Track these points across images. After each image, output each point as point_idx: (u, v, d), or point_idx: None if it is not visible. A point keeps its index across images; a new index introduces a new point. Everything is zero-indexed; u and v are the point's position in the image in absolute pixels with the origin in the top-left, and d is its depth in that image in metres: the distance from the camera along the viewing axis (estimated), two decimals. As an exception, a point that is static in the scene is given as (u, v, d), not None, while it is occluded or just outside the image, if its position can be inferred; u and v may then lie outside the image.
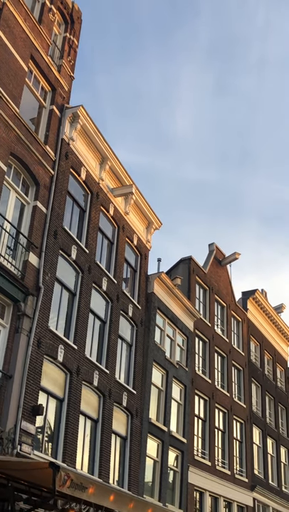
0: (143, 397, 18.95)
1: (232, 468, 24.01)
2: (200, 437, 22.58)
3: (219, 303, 26.67)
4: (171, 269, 25.05)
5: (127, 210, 20.00)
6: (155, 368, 20.22)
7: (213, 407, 23.63)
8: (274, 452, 29.08)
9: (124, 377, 18.42)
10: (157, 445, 19.54)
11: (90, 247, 17.41)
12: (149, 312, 20.46)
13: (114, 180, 19.46)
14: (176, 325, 22.16)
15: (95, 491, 10.03)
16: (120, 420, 17.67)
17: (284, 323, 32.51)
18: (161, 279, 21.24)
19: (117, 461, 17.25)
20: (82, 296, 16.55)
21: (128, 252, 20.23)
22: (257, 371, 28.90)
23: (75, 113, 17.14)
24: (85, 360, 16.06)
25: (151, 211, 21.32)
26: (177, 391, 21.54)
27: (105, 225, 18.90)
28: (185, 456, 20.75)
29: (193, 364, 22.86)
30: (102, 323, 17.74)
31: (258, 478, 26.29)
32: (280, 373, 32.48)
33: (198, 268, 25.16)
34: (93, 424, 16.31)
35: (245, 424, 26.12)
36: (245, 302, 29.31)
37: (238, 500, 23.90)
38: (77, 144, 17.55)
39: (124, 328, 18.99)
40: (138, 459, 17.97)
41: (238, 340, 27.86)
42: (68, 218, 16.83)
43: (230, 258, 27.81)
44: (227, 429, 24.51)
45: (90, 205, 17.89)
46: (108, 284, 18.07)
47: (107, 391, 16.92)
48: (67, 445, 14.56)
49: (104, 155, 18.53)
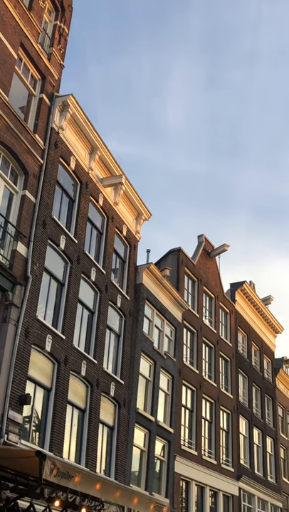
0: (131, 387, 19.03)
1: (218, 458, 24.23)
2: (187, 427, 22.74)
3: (207, 294, 26.77)
4: (160, 260, 25.07)
5: (116, 200, 19.95)
6: (143, 358, 20.29)
7: (200, 398, 23.79)
8: (260, 442, 29.38)
9: (112, 368, 18.47)
10: (144, 435, 19.66)
11: (79, 237, 17.37)
12: (137, 303, 20.50)
13: (103, 170, 19.39)
14: (165, 316, 22.23)
15: (81, 479, 10.09)
16: (108, 410, 17.74)
17: (271, 315, 32.74)
18: (150, 270, 21.27)
19: (104, 450, 17.34)
20: (71, 287, 16.53)
21: (117, 243, 20.21)
22: (244, 362, 29.11)
23: (65, 102, 17.01)
24: (73, 350, 16.08)
25: (140, 202, 21.29)
26: (165, 381, 21.65)
27: (94, 215, 18.85)
28: (172, 446, 20.90)
29: (181, 355, 22.97)
30: (90, 314, 17.74)
31: (244, 468, 26.57)
32: (267, 364, 32.75)
33: (187, 259, 25.21)
34: (81, 414, 16.36)
35: (231, 414, 26.35)
36: (234, 294, 29.46)
37: (224, 490, 24.15)
38: (67, 133, 17.45)
39: (113, 318, 19.02)
40: (125, 448, 18.07)
41: (225, 331, 28.02)
42: (57, 208, 16.76)
43: (219, 250, 27.89)
44: (214, 419, 24.71)
45: (79, 195, 17.83)
46: (97, 275, 18.06)
47: (95, 381, 16.96)
48: (54, 434, 14.60)
49: (94, 144, 18.44)
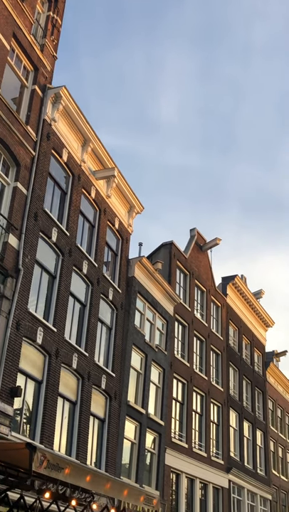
0: (122, 380, 19.07)
1: (208, 450, 24.38)
2: (177, 420, 22.85)
3: (199, 288, 26.83)
4: (153, 253, 25.08)
5: (108, 193, 19.91)
6: (134, 351, 20.33)
7: (191, 391, 23.89)
8: (250, 435, 29.58)
9: (103, 360, 18.49)
10: (135, 427, 19.73)
11: (71, 230, 17.32)
12: (129, 296, 20.51)
13: (96, 163, 19.32)
14: (156, 309, 22.27)
15: (71, 471, 10.11)
16: (99, 402, 17.78)
17: (262, 309, 32.89)
18: (142, 263, 21.27)
19: (95, 442, 17.39)
20: (63, 279, 16.50)
21: (109, 236, 20.18)
22: (235, 355, 29.26)
23: (58, 93, 16.91)
24: (65, 343, 16.07)
25: (133, 195, 21.25)
26: (156, 374, 21.72)
27: (86, 207, 18.79)
28: (162, 439, 21.00)
29: (172, 348, 23.04)
30: (82, 307, 17.73)
31: (234, 461, 26.75)
32: (258, 358, 32.93)
33: (179, 253, 25.24)
34: (71, 406, 16.39)
35: (222, 407, 26.49)
36: (225, 287, 29.55)
37: (214, 482, 24.32)
38: (59, 125, 17.35)
39: (104, 311, 19.03)
40: (116, 440, 18.14)
41: (217, 324, 28.12)
42: (49, 200, 16.70)
43: (211, 243, 27.95)
44: (204, 412, 24.84)
45: (71, 188, 17.76)
46: (89, 268, 18.04)
47: (86, 374, 16.98)
48: (45, 427, 14.61)
49: (87, 137, 18.36)
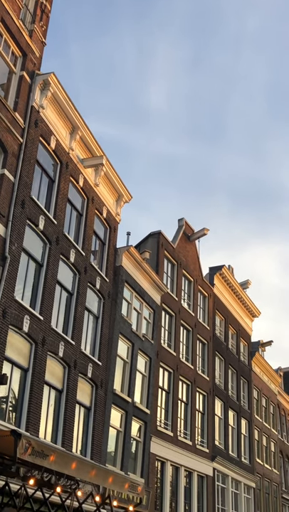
0: (108, 369, 19.13)
1: (194, 438, 24.59)
2: (163, 408, 22.99)
3: (186, 278, 26.91)
4: (140, 243, 25.08)
5: (96, 181, 19.82)
6: (121, 340, 20.38)
7: (177, 379, 24.03)
8: (235, 424, 29.87)
9: (90, 349, 18.52)
10: (121, 415, 19.83)
11: (59, 218, 17.25)
12: (116, 285, 20.51)
13: (84, 151, 19.22)
14: (144, 298, 22.30)
15: (56, 458, 10.16)
16: (85, 391, 17.83)
17: (249, 299, 33.08)
18: (129, 252, 21.26)
19: (81, 430, 17.46)
20: (50, 268, 16.45)
21: (97, 225, 20.13)
22: (221, 345, 29.45)
23: (46, 80, 16.76)
24: (51, 331, 16.07)
25: (121, 184, 21.18)
26: (142, 363, 21.81)
27: (74, 196, 18.71)
28: (148, 427, 21.13)
29: (158, 337, 23.13)
30: (69, 295, 17.72)
31: (219, 449, 27.02)
32: (244, 347, 33.17)
33: (167, 243, 25.26)
34: (57, 394, 16.42)
35: (207, 396, 26.70)
36: (212, 277, 29.66)
37: (199, 470, 24.56)
38: (48, 112, 17.21)
39: (91, 300, 19.02)
40: (101, 428, 18.23)
41: (203, 314, 28.25)
42: (36, 188, 16.59)
43: (199, 234, 28.00)
44: (190, 400, 25.02)
45: (59, 175, 17.66)
46: (76, 256, 18.00)
47: (73, 362, 17.00)
48: (30, 414, 14.63)
49: (75, 124, 18.24)
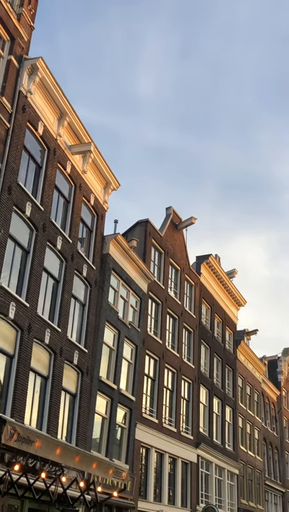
0: (94, 356, 19.17)
1: (178, 425, 24.81)
2: (149, 396, 23.14)
3: (173, 266, 26.96)
4: (128, 231, 25.03)
5: (84, 168, 19.71)
6: (107, 327, 20.42)
7: (162, 367, 24.17)
8: (219, 411, 30.17)
9: (76, 336, 18.54)
10: (106, 402, 19.92)
11: (45, 205, 17.14)
12: (103, 273, 20.50)
13: (72, 137, 19.07)
14: (130, 286, 22.33)
15: (41, 444, 10.19)
16: (70, 378, 17.86)
17: (235, 288, 33.28)
18: (117, 240, 21.23)
19: (66, 417, 17.52)
20: (36, 254, 16.38)
21: (84, 212, 20.04)
22: (207, 333, 29.63)
23: (34, 65, 16.55)
24: (37, 318, 16.04)
25: (109, 171, 21.08)
26: (128, 351, 21.88)
27: (62, 182, 18.59)
28: (133, 414, 21.27)
29: (145, 325, 23.20)
30: (55, 282, 17.67)
31: (203, 436, 27.30)
32: (229, 336, 33.42)
33: (155, 231, 25.25)
34: (43, 381, 16.43)
35: (193, 383, 26.90)
36: (199, 266, 29.76)
37: (183, 457, 24.80)
38: (35, 98, 17.03)
39: (78, 287, 19.00)
40: (87, 415, 18.30)
41: (190, 303, 28.38)
42: (23, 174, 16.45)
43: (187, 222, 28.02)
44: (175, 388, 25.20)
45: (46, 162, 17.52)
46: (63, 243, 17.93)
47: (59, 349, 17.01)
48: (16, 401, 14.64)
49: (63, 110, 18.07)
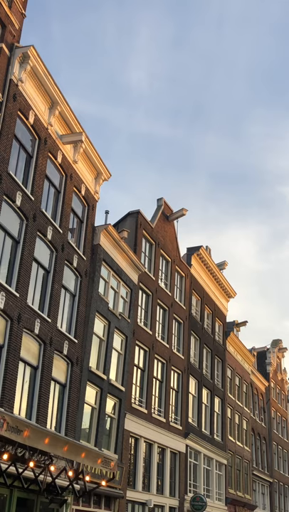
0: (84, 346, 19.20)
1: (167, 416, 24.95)
2: (138, 386, 23.23)
3: (164, 257, 26.99)
4: (119, 222, 25.00)
5: (75, 158, 19.61)
6: (98, 318, 20.43)
7: (152, 358, 24.26)
8: (208, 402, 30.38)
9: (66, 327, 18.53)
10: (96, 393, 19.98)
11: (36, 195, 17.06)
12: (94, 263, 20.48)
13: (63, 127, 18.96)
14: (121, 277, 22.33)
15: (30, 434, 10.21)
16: (60, 368, 17.88)
17: (225, 280, 33.39)
18: (107, 231, 21.19)
19: (56, 407, 17.56)
20: (26, 245, 16.32)
21: (75, 202, 19.97)
22: (197, 324, 29.75)
23: (26, 53, 16.40)
24: (27, 308, 16.01)
25: (100, 161, 21.00)
26: (118, 341, 21.93)
27: (52, 172, 18.50)
28: (123, 404, 21.35)
29: (135, 316, 23.25)
30: (45, 272, 17.63)
31: (192, 426, 27.49)
32: (219, 327, 33.59)
33: (146, 222, 25.24)
34: (33, 371, 16.44)
35: (182, 374, 27.04)
36: (190, 258, 29.82)
37: (172, 447, 24.98)
38: (26, 86, 16.89)
39: (68, 278, 18.97)
40: (76, 405, 18.35)
41: (180, 294, 28.46)
42: (14, 163, 16.34)
43: (178, 214, 28.02)
44: (165, 378, 25.32)
45: (37, 151, 17.41)
46: (53, 234, 17.87)
47: (48, 339, 17.01)
48: (5, 391, 14.64)
49: (54, 99, 17.94)
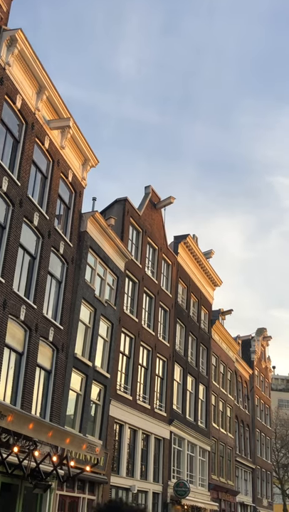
0: (70, 333, 19.20)
1: (152, 402, 25.12)
2: (123, 373, 23.33)
3: (151, 245, 27.00)
4: (106, 209, 24.91)
5: (63, 144, 19.46)
6: (84, 305, 20.43)
7: (138, 345, 24.35)
8: (193, 389, 30.61)
9: (51, 313, 18.51)
10: (81, 379, 20.04)
11: (23, 180, 16.92)
12: (80, 250, 20.42)
13: (51, 112, 18.78)
14: (108, 264, 22.31)
15: (13, 419, 10.23)
16: (46, 354, 17.88)
17: (211, 268, 33.52)
18: (94, 218, 21.12)
19: (41, 393, 17.58)
20: (12, 230, 16.21)
21: (62, 188, 19.85)
22: (182, 312, 29.88)
23: (13, 36, 16.16)
24: (13, 294, 15.95)
25: (88, 147, 20.86)
26: (104, 328, 21.97)
27: (39, 158, 18.34)
28: (108, 391, 21.45)
29: (121, 303, 23.27)
30: (31, 259, 17.55)
31: (176, 413, 27.71)
32: (204, 315, 33.76)
33: (133, 210, 25.18)
34: (18, 357, 16.42)
35: (167, 361, 27.20)
36: (177, 246, 29.86)
37: (156, 433, 25.18)
38: (14, 70, 16.67)
39: (55, 264, 18.91)
40: (61, 391, 18.39)
41: (166, 282, 28.52)
42: (0, 148, 16.17)
43: (165, 202, 27.99)
44: (150, 366, 25.44)
45: (24, 136, 17.24)
46: (40, 220, 17.77)
47: (34, 325, 16.98)
48: (-10, 376, 14.63)
49: (42, 84, 17.75)
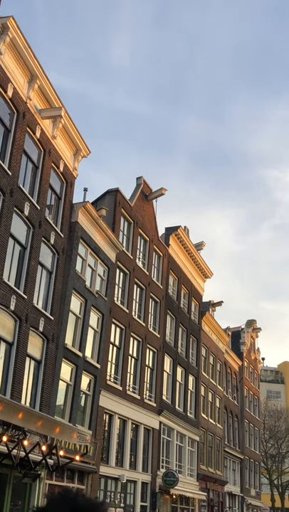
0: (60, 323, 19.20)
1: (142, 393, 25.23)
2: (114, 363, 23.39)
3: (142, 237, 26.99)
4: (97, 199, 24.85)
5: (54, 134, 19.35)
6: (74, 296, 20.42)
7: (128, 336, 24.41)
8: (182, 380, 30.77)
9: (42, 304, 18.49)
10: (71, 369, 20.07)
11: (13, 170, 16.82)
12: (71, 241, 20.38)
13: (42, 101, 18.64)
14: (99, 255, 22.29)
15: (3, 408, 10.24)
16: (36, 344, 17.88)
17: (202, 260, 33.60)
18: (86, 208, 21.06)
19: (30, 383, 17.59)
20: (2, 220, 16.13)
21: (53, 178, 19.76)
22: (173, 304, 29.96)
23: (5, 24, 16.00)
24: (3, 284, 15.90)
25: (79, 137, 20.76)
26: (95, 319, 21.99)
27: (31, 147, 18.23)
28: (98, 381, 21.50)
29: (112, 294, 23.29)
30: (22, 249, 17.49)
31: (166, 404, 27.85)
32: (195, 307, 33.88)
33: (125, 201, 25.13)
34: (8, 347, 16.41)
35: (157, 352, 27.29)
36: (168, 238, 29.88)
37: (145, 423, 25.31)
38: (5, 58, 16.52)
39: (45, 255, 18.86)
40: (51, 382, 18.41)
41: (157, 273, 28.56)
42: (-9, 137, 16.08)
43: (157, 193, 27.96)
44: (140, 356, 25.52)
45: (15, 125, 17.12)
46: (30, 210, 17.70)
47: (24, 316, 16.96)
48: (-21, 366, 14.61)
49: (34, 72, 17.61)
